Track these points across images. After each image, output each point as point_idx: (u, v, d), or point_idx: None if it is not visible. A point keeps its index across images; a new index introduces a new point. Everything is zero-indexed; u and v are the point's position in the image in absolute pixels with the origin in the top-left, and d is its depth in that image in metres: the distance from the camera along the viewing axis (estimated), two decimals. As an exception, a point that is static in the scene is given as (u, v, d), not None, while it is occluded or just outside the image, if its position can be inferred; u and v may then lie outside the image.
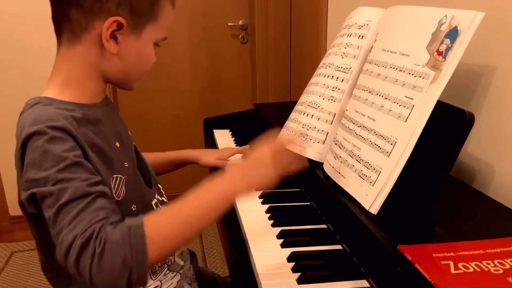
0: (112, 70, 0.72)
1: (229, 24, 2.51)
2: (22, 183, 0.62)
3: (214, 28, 2.51)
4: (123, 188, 0.72)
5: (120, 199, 0.71)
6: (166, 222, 0.60)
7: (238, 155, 1.13)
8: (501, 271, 0.50)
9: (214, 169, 1.15)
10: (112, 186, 0.70)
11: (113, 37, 0.68)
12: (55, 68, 0.72)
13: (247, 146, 1.17)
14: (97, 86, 0.74)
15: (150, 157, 0.95)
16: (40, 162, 0.60)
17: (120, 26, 0.67)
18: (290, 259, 0.68)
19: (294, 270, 0.65)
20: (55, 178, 0.59)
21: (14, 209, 2.37)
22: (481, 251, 0.54)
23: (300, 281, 0.62)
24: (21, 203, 0.66)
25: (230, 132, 1.45)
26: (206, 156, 1.09)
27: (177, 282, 0.84)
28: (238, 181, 0.64)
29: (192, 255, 0.94)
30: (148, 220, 0.58)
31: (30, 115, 0.64)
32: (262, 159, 0.67)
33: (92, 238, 0.55)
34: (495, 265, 0.51)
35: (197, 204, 0.61)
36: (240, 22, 2.52)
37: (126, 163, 0.76)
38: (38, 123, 0.61)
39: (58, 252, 0.57)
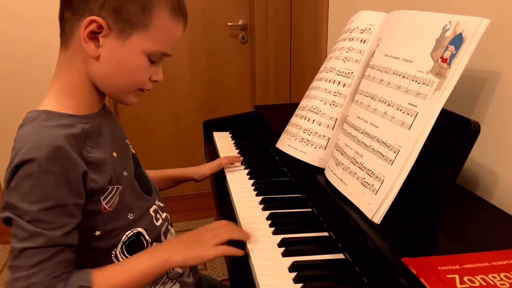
0: (96, 76, 0.69)
1: (228, 24, 2.49)
2: (4, 200, 0.61)
3: (214, 28, 2.49)
4: (117, 197, 0.71)
5: (112, 209, 0.70)
6: (112, 284, 0.66)
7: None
8: (507, 285, 0.49)
9: (215, 179, 1.13)
10: (105, 197, 0.69)
11: (96, 39, 0.66)
12: (54, 73, 0.71)
13: (238, 156, 1.20)
14: (91, 96, 0.72)
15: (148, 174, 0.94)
16: (26, 193, 0.59)
17: (100, 27, 0.65)
18: (291, 269, 0.67)
19: (295, 280, 0.64)
20: (35, 216, 0.60)
21: (13, 210, 2.35)
22: (486, 264, 0.53)
23: (302, 292, 0.61)
24: None
25: (230, 135, 1.44)
26: (200, 169, 1.10)
27: (176, 290, 0.83)
28: (175, 254, 0.71)
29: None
30: (98, 280, 0.64)
31: (30, 137, 0.62)
32: (201, 239, 0.74)
33: None
34: (501, 279, 0.50)
35: (141, 269, 0.69)
36: (240, 22, 2.51)
37: (125, 172, 0.75)
38: (38, 148, 0.60)
39: (8, 285, 0.60)
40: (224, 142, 1.37)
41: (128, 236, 0.74)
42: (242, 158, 1.16)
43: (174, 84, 2.49)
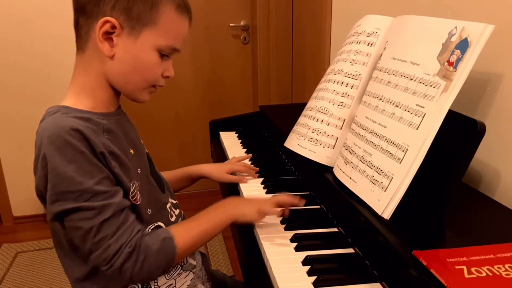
0: (112, 74, 0.73)
1: (230, 24, 2.52)
2: (50, 194, 0.65)
3: (216, 29, 2.52)
4: (138, 193, 0.75)
5: (138, 203, 0.74)
6: (189, 236, 0.76)
7: (246, 161, 1.16)
8: (512, 275, 0.52)
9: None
10: (132, 191, 0.73)
11: (110, 39, 0.70)
12: (72, 76, 0.76)
13: (250, 155, 1.21)
14: (107, 94, 0.76)
15: (163, 175, 0.97)
16: (73, 176, 0.63)
17: (113, 27, 0.69)
18: (304, 262, 0.70)
19: (309, 273, 0.67)
20: (93, 191, 0.65)
21: (18, 210, 2.38)
22: (492, 256, 0.56)
23: (316, 284, 0.64)
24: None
25: (236, 134, 1.47)
26: (218, 172, 1.09)
27: (191, 280, 0.86)
28: (234, 209, 0.83)
29: (203, 256, 0.96)
30: (175, 233, 0.74)
31: (51, 125, 0.66)
32: (253, 201, 0.86)
33: (136, 247, 0.68)
34: (506, 270, 0.53)
35: (210, 223, 0.80)
36: (242, 23, 2.53)
37: (139, 169, 0.78)
38: (64, 133, 0.63)
39: (99, 257, 0.67)
40: (231, 142, 1.40)
41: (151, 229, 0.77)
42: (257, 168, 1.13)
43: (176, 84, 2.52)
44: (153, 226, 0.78)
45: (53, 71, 2.22)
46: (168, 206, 0.85)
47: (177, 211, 0.89)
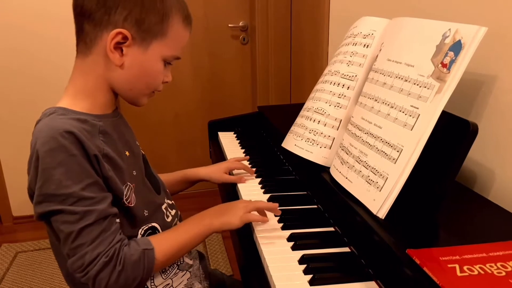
0: (117, 82, 0.75)
1: (229, 25, 2.53)
2: (37, 195, 0.66)
3: (215, 29, 2.53)
4: (133, 195, 0.75)
5: (132, 205, 0.75)
6: (169, 247, 0.75)
7: (244, 162, 1.16)
8: (504, 273, 0.53)
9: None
10: (125, 193, 0.73)
11: (119, 49, 0.71)
12: (71, 78, 0.76)
13: (247, 157, 1.22)
14: (106, 97, 0.77)
15: (161, 178, 0.97)
16: (61, 179, 0.64)
17: (125, 38, 0.70)
18: (301, 261, 0.71)
19: (305, 272, 0.68)
20: (78, 196, 0.64)
21: (17, 210, 2.39)
22: (484, 254, 0.57)
23: (312, 282, 0.65)
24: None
25: (235, 135, 1.48)
26: (216, 173, 1.09)
27: (187, 279, 0.87)
28: (214, 220, 0.80)
29: (201, 255, 0.97)
30: (156, 244, 0.73)
31: (46, 126, 0.66)
32: (233, 208, 0.83)
33: (114, 257, 0.66)
34: (498, 268, 0.54)
35: (190, 234, 0.78)
36: (241, 23, 2.54)
37: (134, 171, 0.79)
38: (58, 135, 0.64)
39: (74, 264, 0.66)
40: (230, 142, 1.41)
41: (144, 230, 0.78)
42: (254, 169, 1.14)
43: (175, 84, 2.53)
44: (147, 227, 0.79)
45: (52, 74, 2.23)
46: (163, 207, 0.86)
47: (173, 212, 0.89)
